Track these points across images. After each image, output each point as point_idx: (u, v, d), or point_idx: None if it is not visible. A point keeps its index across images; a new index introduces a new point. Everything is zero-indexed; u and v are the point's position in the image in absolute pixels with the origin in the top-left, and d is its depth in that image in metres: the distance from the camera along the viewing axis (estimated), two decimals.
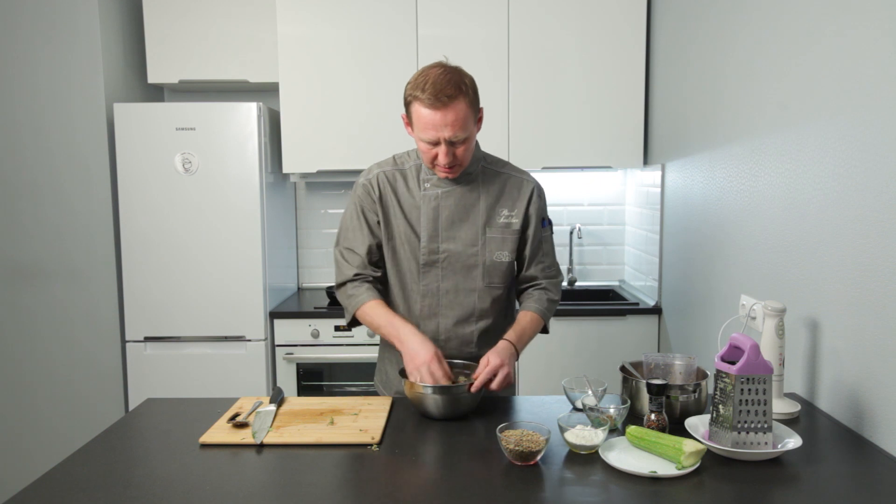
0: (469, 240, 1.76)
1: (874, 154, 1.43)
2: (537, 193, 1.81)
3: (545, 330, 1.85)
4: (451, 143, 1.62)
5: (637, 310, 2.96)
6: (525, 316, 1.78)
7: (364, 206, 1.77)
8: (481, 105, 1.69)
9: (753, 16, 2.00)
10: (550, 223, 1.87)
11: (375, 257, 1.80)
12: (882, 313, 1.41)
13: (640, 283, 3.23)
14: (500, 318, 1.85)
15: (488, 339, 1.81)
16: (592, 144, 3.09)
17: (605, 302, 3.17)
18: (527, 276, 1.84)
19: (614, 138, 3.08)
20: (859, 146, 1.48)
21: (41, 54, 2.91)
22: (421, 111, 1.60)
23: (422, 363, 1.59)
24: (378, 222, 1.77)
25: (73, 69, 2.92)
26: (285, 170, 3.09)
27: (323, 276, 3.52)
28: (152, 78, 3.14)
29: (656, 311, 2.94)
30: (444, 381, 1.57)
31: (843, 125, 1.54)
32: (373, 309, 1.72)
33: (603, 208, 3.49)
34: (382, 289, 1.82)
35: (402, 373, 1.65)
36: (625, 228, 3.49)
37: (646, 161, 3.12)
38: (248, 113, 2.86)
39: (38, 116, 2.93)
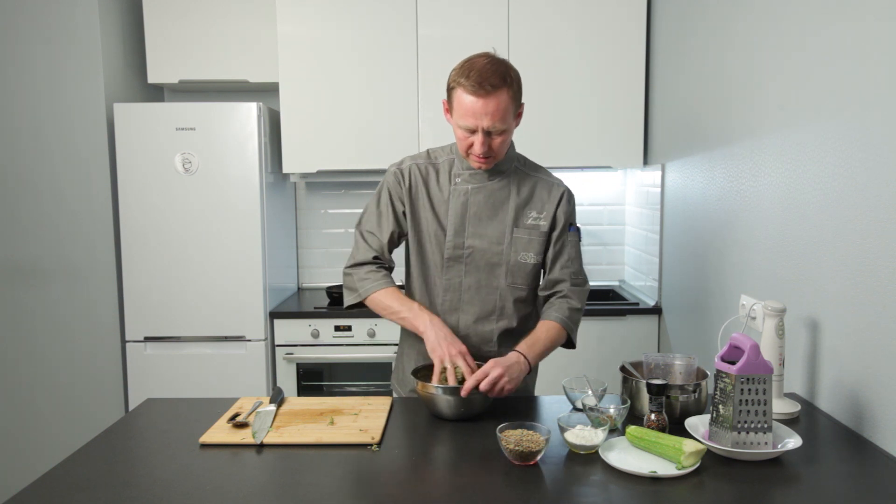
0: (495, 237, 1.75)
1: (874, 154, 1.43)
2: (567, 198, 1.79)
3: (571, 343, 1.79)
4: (488, 133, 1.62)
5: (637, 310, 2.96)
6: (542, 326, 1.73)
7: (392, 194, 1.77)
8: (523, 101, 1.69)
9: (753, 16, 2.00)
10: (578, 230, 1.82)
11: (395, 246, 1.80)
12: (882, 313, 1.41)
13: (640, 283, 3.23)
14: (523, 321, 1.81)
15: (510, 340, 1.77)
16: (592, 144, 3.09)
17: (605, 302, 3.17)
18: (552, 280, 1.80)
19: (614, 138, 3.08)
20: (859, 146, 1.48)
21: (41, 54, 2.91)
22: (463, 98, 1.59)
23: (456, 354, 1.58)
24: (404, 213, 1.77)
25: (72, 69, 2.92)
26: (285, 170, 3.09)
27: (323, 276, 3.52)
28: (152, 78, 3.14)
29: (656, 311, 2.94)
30: (469, 374, 1.55)
31: (843, 125, 1.54)
32: (390, 294, 1.72)
33: (603, 208, 3.49)
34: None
35: (415, 372, 1.65)
36: (625, 228, 3.49)
37: (646, 161, 3.12)
38: (248, 113, 2.86)
39: (38, 116, 2.93)
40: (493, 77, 1.57)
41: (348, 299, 1.78)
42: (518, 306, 1.79)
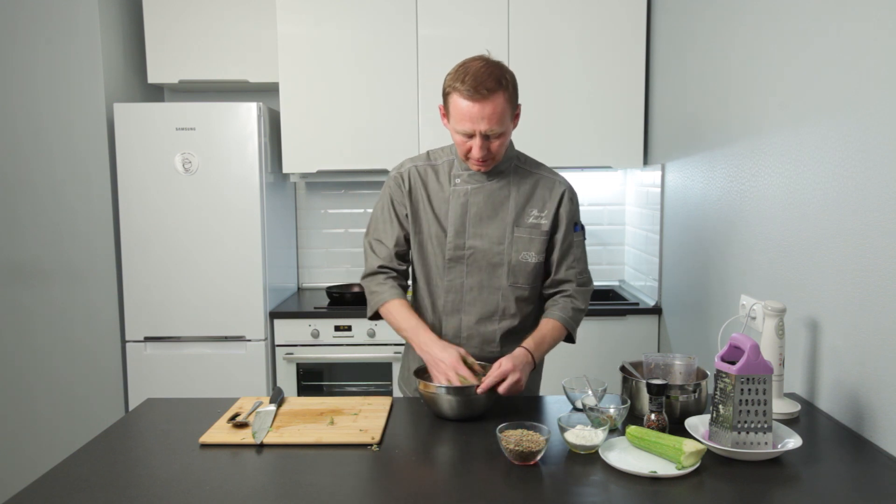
0: (496, 237, 1.74)
1: (874, 154, 1.43)
2: (568, 196, 1.78)
3: (571, 339, 1.82)
4: (486, 137, 1.61)
5: (637, 310, 2.96)
6: (547, 323, 1.75)
7: (394, 199, 1.77)
8: (519, 102, 1.69)
9: (753, 15, 2.00)
10: (583, 228, 1.82)
11: (403, 249, 1.80)
12: (882, 313, 1.41)
13: (640, 283, 3.23)
14: (525, 320, 1.81)
15: (512, 339, 1.77)
16: (592, 144, 3.09)
17: (605, 302, 3.17)
18: (557, 280, 1.80)
19: (614, 138, 3.08)
20: (859, 146, 1.48)
21: (41, 54, 2.91)
22: (459, 103, 1.59)
23: (448, 368, 1.58)
24: (406, 215, 1.77)
25: (73, 69, 2.92)
26: (285, 170, 3.09)
27: (323, 276, 3.52)
28: (152, 78, 3.14)
29: (656, 311, 2.94)
30: (471, 377, 1.57)
31: (843, 125, 1.54)
32: (395, 309, 1.72)
33: (603, 208, 3.49)
34: (406, 284, 1.82)
35: (417, 372, 1.65)
36: (625, 228, 3.49)
37: (646, 161, 3.12)
38: (248, 113, 2.86)
39: (38, 116, 2.93)
40: (489, 81, 1.56)
41: (368, 312, 1.81)
42: (520, 306, 1.79)
